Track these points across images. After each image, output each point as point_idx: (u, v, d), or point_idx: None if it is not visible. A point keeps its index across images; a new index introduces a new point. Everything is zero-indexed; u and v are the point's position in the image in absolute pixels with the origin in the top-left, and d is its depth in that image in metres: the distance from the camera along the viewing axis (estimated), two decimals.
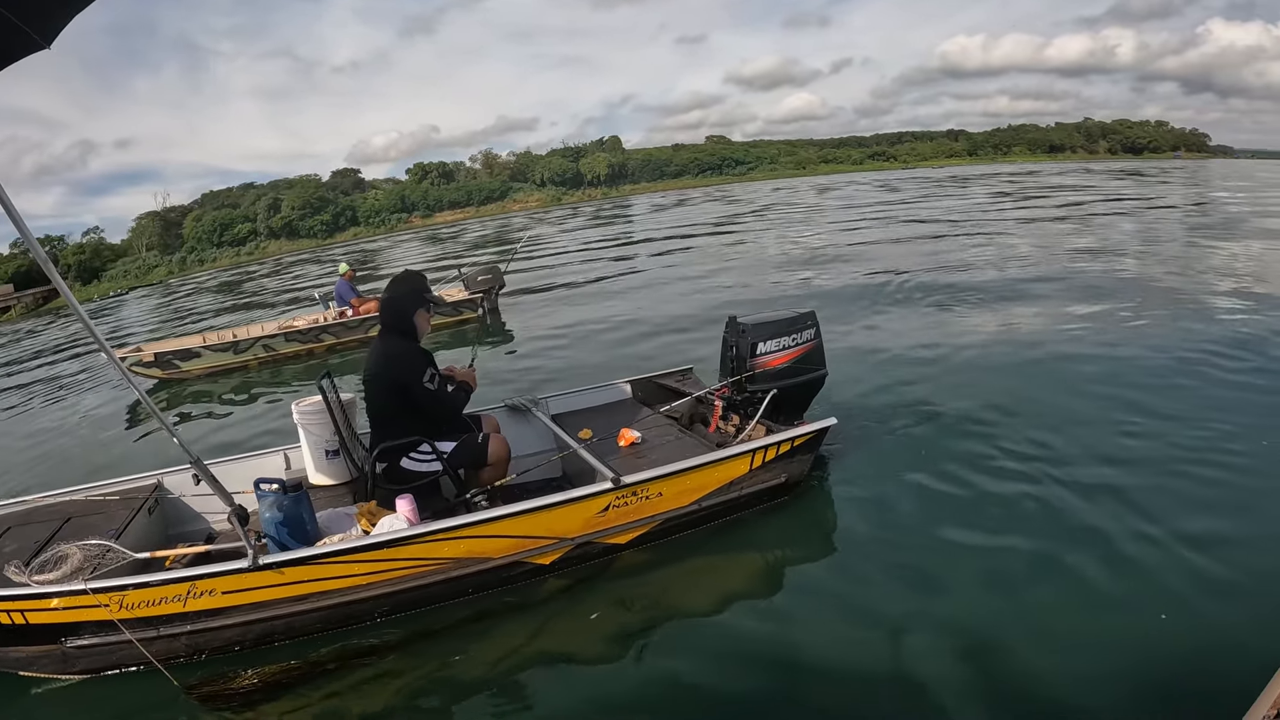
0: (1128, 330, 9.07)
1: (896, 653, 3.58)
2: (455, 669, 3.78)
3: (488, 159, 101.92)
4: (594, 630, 4.00)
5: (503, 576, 4.27)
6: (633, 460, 5.00)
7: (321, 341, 12.38)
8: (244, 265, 62.05)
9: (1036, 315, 10.14)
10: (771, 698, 3.41)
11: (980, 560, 4.33)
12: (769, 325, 5.40)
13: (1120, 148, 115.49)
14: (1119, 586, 3.94)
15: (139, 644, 3.64)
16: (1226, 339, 8.28)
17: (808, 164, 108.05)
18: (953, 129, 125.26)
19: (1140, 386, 6.90)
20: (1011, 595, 3.99)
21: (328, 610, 3.96)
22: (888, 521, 4.85)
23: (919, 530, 4.71)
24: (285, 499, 3.91)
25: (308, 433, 5.11)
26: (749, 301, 12.87)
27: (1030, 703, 3.22)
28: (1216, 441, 5.57)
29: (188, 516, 4.99)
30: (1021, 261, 14.95)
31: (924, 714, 3.21)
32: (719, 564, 4.59)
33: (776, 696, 3.41)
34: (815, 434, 5.02)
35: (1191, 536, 4.34)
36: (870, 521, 4.89)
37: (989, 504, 4.95)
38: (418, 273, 4.87)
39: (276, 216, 79.95)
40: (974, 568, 4.26)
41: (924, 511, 4.93)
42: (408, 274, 4.79)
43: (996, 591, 4.02)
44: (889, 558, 4.45)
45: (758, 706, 3.36)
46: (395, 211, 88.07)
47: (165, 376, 11.60)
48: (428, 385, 4.45)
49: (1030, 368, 7.74)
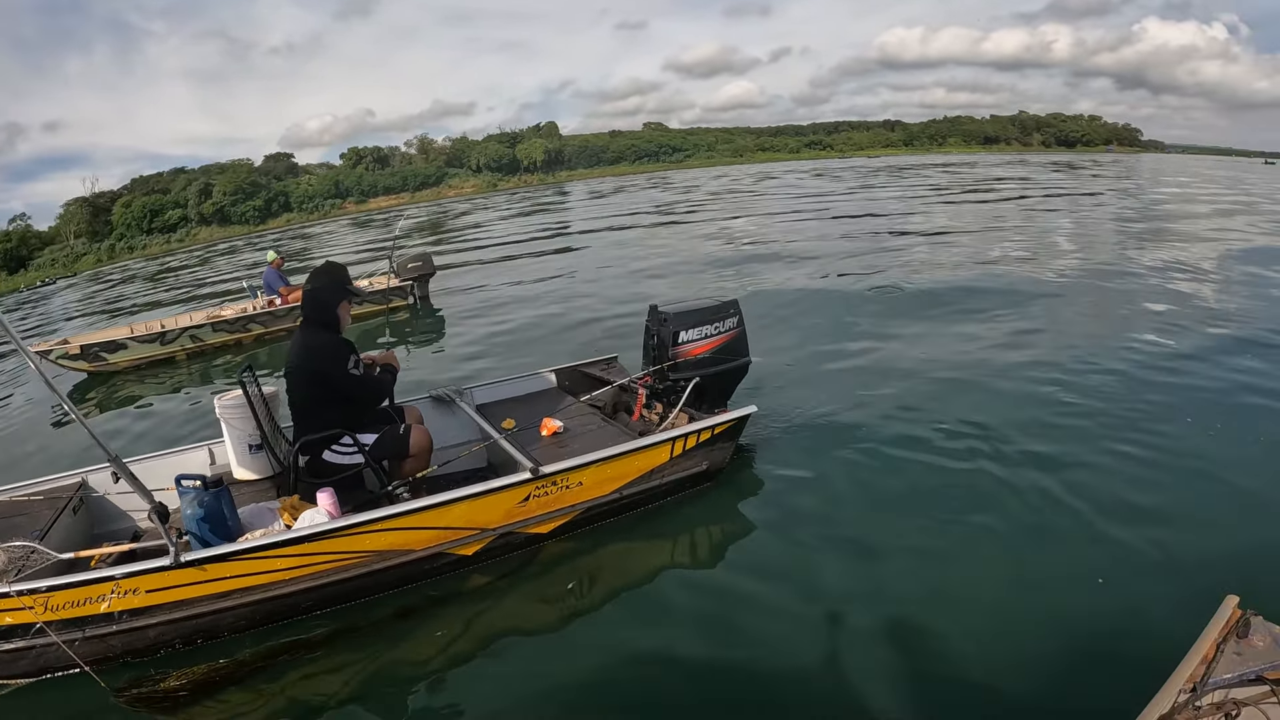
0: (1056, 321, 9.47)
1: (818, 636, 3.71)
2: (382, 663, 3.80)
3: (423, 144, 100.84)
4: (518, 622, 4.06)
5: (426, 568, 4.31)
6: (555, 449, 5.08)
7: (249, 331, 12.21)
8: (174, 252, 60.44)
9: (964, 311, 10.39)
10: (696, 684, 3.50)
11: (900, 541, 4.51)
12: (691, 314, 5.49)
13: (1054, 141, 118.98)
14: (1040, 565, 4.17)
15: (65, 646, 3.59)
16: (1152, 327, 8.77)
17: (744, 152, 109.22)
18: (889, 119, 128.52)
19: (1067, 371, 7.26)
20: (931, 574, 4.18)
21: (253, 606, 3.96)
22: (808, 507, 5.00)
23: (839, 515, 4.89)
24: (206, 495, 3.89)
25: (230, 427, 5.07)
26: (678, 290, 13.02)
27: (951, 677, 3.37)
28: (1142, 423, 5.90)
29: (113, 515, 4.91)
30: (954, 256, 15.36)
31: (848, 698, 3.31)
32: (641, 552, 4.69)
33: (701, 683, 3.50)
34: (736, 422, 5.13)
35: (1114, 513, 4.60)
36: (790, 507, 5.03)
37: (908, 488, 5.16)
38: (339, 264, 4.88)
39: (208, 202, 78.15)
40: (894, 549, 4.44)
41: (844, 496, 5.11)
42: (329, 265, 4.79)
43: (916, 571, 4.21)
44: (809, 542, 4.59)
45: (682, 694, 3.45)
46: (329, 197, 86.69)
47: (92, 369, 11.30)
48: (353, 372, 4.48)
49: (955, 359, 7.98)
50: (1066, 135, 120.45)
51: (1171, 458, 5.33)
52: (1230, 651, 2.42)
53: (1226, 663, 2.38)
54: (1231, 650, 2.42)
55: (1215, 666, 2.36)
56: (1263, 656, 2.39)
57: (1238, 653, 2.42)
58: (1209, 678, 2.32)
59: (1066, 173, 49.07)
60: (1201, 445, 5.51)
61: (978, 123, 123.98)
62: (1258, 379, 6.87)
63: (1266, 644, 2.43)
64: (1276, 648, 2.41)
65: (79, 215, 74.75)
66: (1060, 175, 46.06)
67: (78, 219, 74.32)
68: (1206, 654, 2.40)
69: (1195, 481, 5.00)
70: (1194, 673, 2.34)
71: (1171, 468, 5.19)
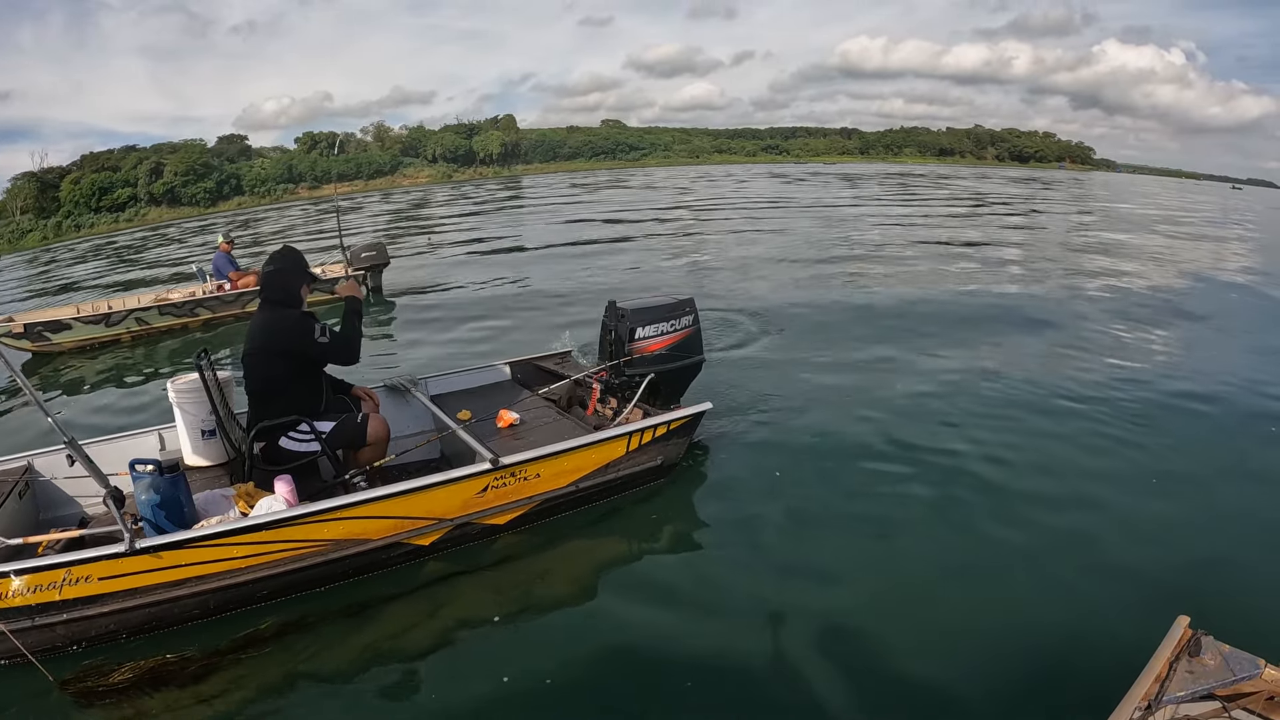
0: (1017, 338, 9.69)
1: (767, 633, 3.78)
2: (337, 654, 3.78)
3: (379, 131, 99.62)
4: (474, 613, 4.07)
5: (382, 558, 4.32)
6: (511, 441, 5.12)
7: (197, 316, 12.01)
8: (122, 231, 58.99)
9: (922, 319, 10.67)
10: (647, 677, 3.56)
11: (850, 544, 4.63)
12: (648, 311, 5.58)
13: (1008, 155, 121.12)
14: (993, 582, 4.25)
15: (11, 636, 3.51)
16: (1098, 345, 9.14)
17: (701, 153, 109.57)
18: (846, 127, 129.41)
19: (1025, 384, 7.50)
20: (882, 579, 4.27)
21: (207, 594, 3.92)
22: (761, 503, 5.10)
23: (791, 512, 4.99)
24: (162, 481, 3.83)
25: (184, 412, 5.01)
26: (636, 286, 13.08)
27: (902, 688, 3.41)
28: (1095, 444, 6.08)
29: (60, 500, 4.81)
30: (911, 270, 15.69)
31: (796, 697, 3.38)
32: (597, 545, 4.76)
33: (652, 676, 3.56)
34: (691, 418, 5.23)
35: (1065, 532, 4.73)
36: (743, 503, 5.13)
37: (860, 489, 5.27)
38: (296, 249, 4.89)
39: (158, 182, 76.32)
40: (846, 547, 4.56)
41: (796, 494, 5.21)
42: (288, 249, 4.81)
43: (866, 574, 4.31)
44: (762, 539, 4.69)
45: (634, 686, 3.52)
46: (282, 181, 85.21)
47: (35, 349, 11.03)
48: (320, 340, 4.50)
49: (919, 366, 8.19)
50: (1020, 150, 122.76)
51: (1122, 478, 5.46)
52: (1183, 670, 2.54)
53: (1179, 681, 2.50)
54: (1184, 669, 2.55)
55: (1168, 685, 2.48)
56: (1214, 675, 2.51)
57: (1189, 671, 2.54)
58: (1162, 695, 2.43)
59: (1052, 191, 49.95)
60: (1154, 467, 5.65)
61: (934, 134, 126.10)
62: (1211, 401, 7.13)
63: (1217, 662, 2.55)
64: (1227, 666, 2.54)
65: (26, 190, 72.54)
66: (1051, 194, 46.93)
67: (24, 194, 72.13)
68: (1159, 673, 2.51)
69: (1146, 502, 5.12)
70: (1148, 691, 2.45)
71: (1123, 489, 5.30)
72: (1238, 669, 2.52)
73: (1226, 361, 8.60)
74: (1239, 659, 2.56)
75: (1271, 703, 2.45)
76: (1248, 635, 2.68)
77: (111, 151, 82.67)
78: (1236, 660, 2.55)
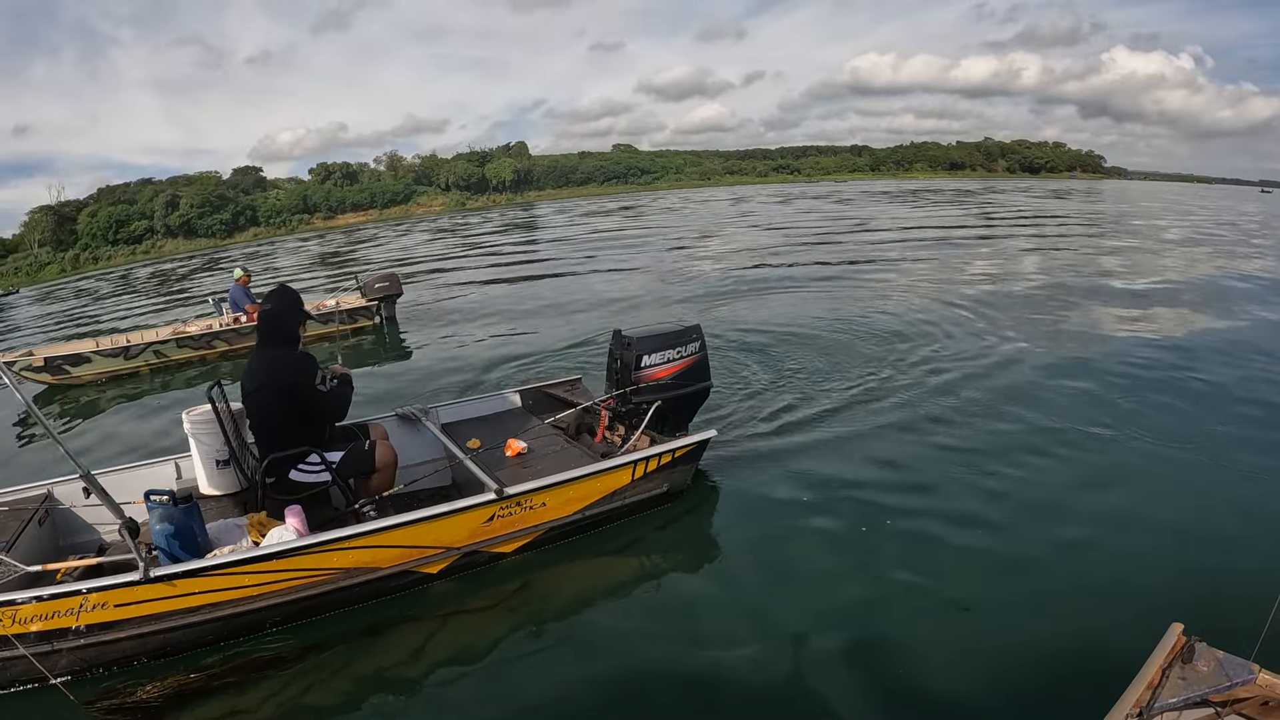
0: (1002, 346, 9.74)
1: (775, 656, 3.82)
2: (348, 678, 3.86)
3: (392, 161, 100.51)
4: (481, 639, 4.13)
5: (391, 585, 4.40)
6: (519, 470, 5.18)
7: (214, 348, 12.16)
8: (139, 263, 59.60)
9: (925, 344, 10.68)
10: (656, 700, 3.61)
11: (855, 561, 4.67)
12: (654, 338, 5.63)
13: (1019, 167, 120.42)
14: (989, 591, 4.31)
15: (34, 659, 3.62)
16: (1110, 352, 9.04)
17: (713, 175, 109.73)
18: (857, 144, 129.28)
19: (1025, 397, 7.54)
20: (888, 591, 4.34)
21: (221, 621, 4.01)
22: (767, 529, 5.14)
23: (796, 536, 5.03)
24: (176, 511, 3.92)
25: (198, 442, 5.10)
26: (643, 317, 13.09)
27: (904, 701, 3.48)
28: (1092, 449, 6.17)
29: (79, 527, 4.90)
30: (905, 283, 15.62)
31: (802, 715, 3.43)
32: (603, 571, 4.82)
33: (660, 699, 3.61)
34: (696, 445, 5.27)
35: (1061, 541, 4.78)
36: (749, 529, 5.17)
37: (864, 513, 5.27)
38: (292, 288, 4.98)
39: (174, 214, 77.07)
40: (850, 570, 4.59)
41: (802, 518, 5.24)
42: (285, 288, 4.88)
43: (868, 595, 4.34)
44: (768, 563, 4.74)
45: (641, 710, 3.57)
46: (297, 212, 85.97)
47: (55, 382, 11.22)
48: (320, 388, 4.56)
49: (923, 386, 8.19)
50: (1031, 161, 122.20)
51: (1118, 487, 5.51)
52: (1176, 676, 2.56)
53: (1172, 687, 2.52)
54: (1177, 675, 2.57)
55: (1161, 691, 2.50)
56: (1207, 680, 2.53)
57: (1183, 677, 2.56)
58: (1155, 702, 2.45)
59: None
60: (1147, 476, 5.70)
61: (944, 149, 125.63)
62: (1205, 408, 7.14)
63: (1211, 668, 2.57)
64: (1220, 672, 2.55)
65: (44, 223, 73.39)
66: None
67: (42, 227, 72.97)
68: (1153, 679, 2.53)
69: (1141, 510, 5.16)
70: (1140, 697, 2.46)
71: (1118, 497, 5.35)
72: (1232, 674, 2.53)
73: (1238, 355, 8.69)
74: (1233, 664, 2.57)
75: (1266, 708, 2.47)
76: (1241, 641, 2.69)
77: (128, 184, 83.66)
78: (1230, 665, 2.57)
